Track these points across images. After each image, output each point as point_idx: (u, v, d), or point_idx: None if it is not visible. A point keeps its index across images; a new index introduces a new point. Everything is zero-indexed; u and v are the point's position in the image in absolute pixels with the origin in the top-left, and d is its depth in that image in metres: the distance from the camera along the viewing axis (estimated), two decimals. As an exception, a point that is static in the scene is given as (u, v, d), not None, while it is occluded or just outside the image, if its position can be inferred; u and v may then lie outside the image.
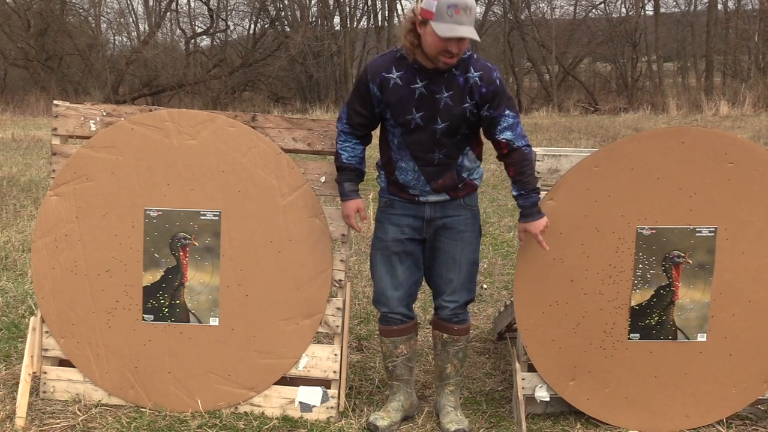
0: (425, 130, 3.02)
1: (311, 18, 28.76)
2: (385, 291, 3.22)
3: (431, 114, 3.00)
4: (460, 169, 3.12)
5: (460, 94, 2.98)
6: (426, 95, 2.99)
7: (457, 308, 3.23)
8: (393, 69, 3.02)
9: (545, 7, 33.21)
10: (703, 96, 20.73)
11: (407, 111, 3.01)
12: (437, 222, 3.15)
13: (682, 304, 3.23)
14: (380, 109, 3.09)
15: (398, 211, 3.18)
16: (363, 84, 3.07)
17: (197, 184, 3.32)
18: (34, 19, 27.04)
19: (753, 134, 12.95)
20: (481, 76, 2.98)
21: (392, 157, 3.14)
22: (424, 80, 2.98)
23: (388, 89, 3.02)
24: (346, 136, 3.18)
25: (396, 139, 3.10)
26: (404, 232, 3.17)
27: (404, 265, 3.20)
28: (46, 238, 3.36)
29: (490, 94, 2.99)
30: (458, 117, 3.00)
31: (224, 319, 3.35)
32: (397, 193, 3.18)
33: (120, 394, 3.39)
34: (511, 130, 3.02)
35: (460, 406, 3.35)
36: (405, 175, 3.12)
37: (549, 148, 3.51)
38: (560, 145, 12.55)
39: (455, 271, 3.18)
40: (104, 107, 3.43)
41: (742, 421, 3.33)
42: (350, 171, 3.20)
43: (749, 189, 3.16)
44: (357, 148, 3.20)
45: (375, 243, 3.25)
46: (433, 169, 3.08)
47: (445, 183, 3.10)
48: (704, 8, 26.88)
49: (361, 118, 3.13)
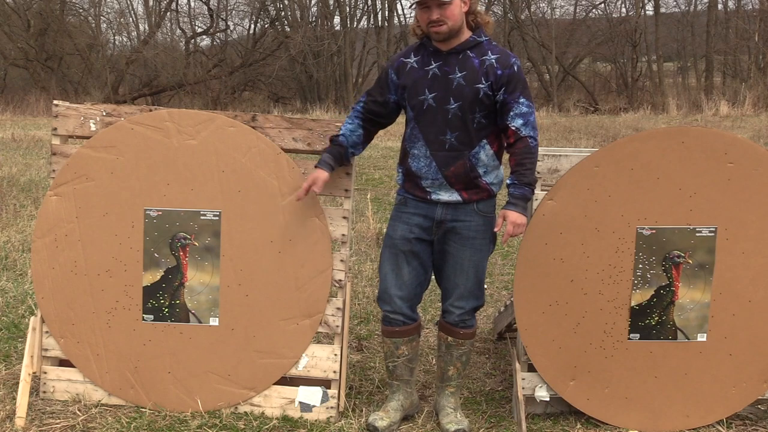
0: (437, 110, 3.06)
1: (311, 18, 28.76)
2: (388, 289, 3.22)
3: (443, 94, 3.05)
4: (476, 161, 3.08)
5: (474, 74, 3.03)
6: (439, 75, 3.06)
7: (464, 314, 3.22)
8: (412, 55, 3.15)
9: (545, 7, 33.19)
10: (703, 96, 20.74)
11: (420, 91, 3.08)
12: (447, 224, 3.13)
13: (682, 304, 3.23)
14: (397, 95, 3.16)
15: (410, 210, 3.18)
16: (383, 71, 3.24)
17: (197, 184, 3.32)
18: (34, 19, 27.03)
19: (753, 134, 12.95)
20: (498, 59, 3.05)
21: (405, 147, 3.17)
22: (438, 62, 3.07)
23: (404, 72, 3.13)
24: (355, 114, 3.25)
25: (409, 127, 3.16)
26: (413, 231, 3.16)
27: (410, 266, 3.19)
28: (46, 238, 3.36)
29: (505, 77, 3.02)
30: (471, 97, 3.02)
31: (224, 319, 3.35)
32: (411, 190, 3.18)
33: (120, 394, 3.39)
34: (523, 118, 3.02)
35: (460, 407, 3.35)
36: (417, 162, 3.12)
37: (549, 148, 3.51)
38: (560, 145, 12.56)
39: (462, 277, 3.17)
40: (104, 107, 3.43)
41: (742, 421, 3.33)
42: (337, 146, 3.23)
43: (749, 189, 3.16)
44: (357, 131, 3.23)
45: (385, 240, 3.26)
46: (445, 155, 3.07)
47: (458, 171, 3.07)
48: (704, 8, 26.90)
49: (374, 104, 3.22)
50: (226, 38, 30.08)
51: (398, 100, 3.18)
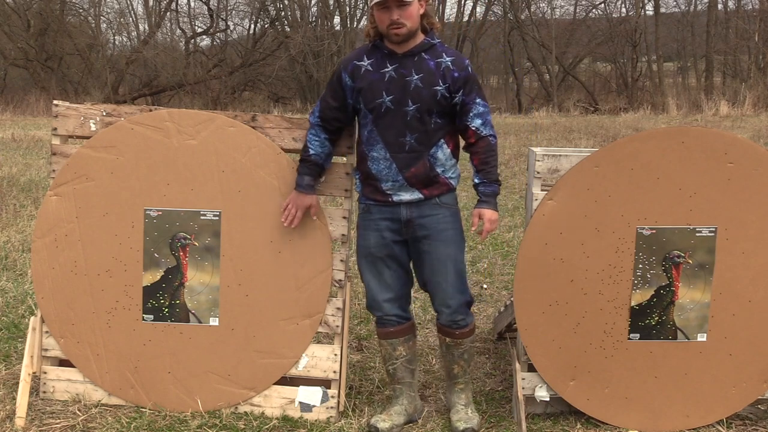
0: (396, 113, 3.05)
1: (311, 18, 28.77)
2: (375, 296, 3.23)
3: (401, 96, 3.04)
4: (434, 161, 3.10)
5: (431, 77, 3.04)
6: (396, 78, 3.05)
7: (453, 313, 3.21)
8: (364, 57, 3.12)
9: (545, 7, 33.21)
10: (703, 96, 20.75)
11: (377, 94, 3.06)
12: (415, 223, 3.13)
13: (682, 304, 3.23)
14: (353, 99, 3.13)
15: (375, 216, 3.17)
16: (335, 75, 3.17)
17: (197, 184, 3.32)
18: (34, 19, 27.03)
19: (753, 134, 12.95)
20: (453, 61, 3.08)
21: (363, 151, 3.15)
22: (393, 64, 3.07)
23: (359, 76, 3.10)
24: (317, 129, 3.20)
25: (366, 130, 3.13)
26: (384, 236, 3.16)
27: (391, 269, 3.20)
28: (46, 238, 3.36)
29: (462, 79, 3.06)
30: (428, 99, 3.04)
31: (224, 319, 3.35)
32: (371, 196, 3.17)
33: (120, 394, 3.39)
34: (481, 118, 3.10)
35: (472, 403, 3.35)
36: (377, 164, 3.11)
37: (549, 148, 3.51)
38: (560, 145, 12.56)
39: (442, 274, 3.16)
40: (104, 107, 3.43)
41: (742, 421, 3.32)
42: (314, 165, 3.21)
43: (749, 189, 3.16)
44: (326, 144, 3.21)
45: (359, 251, 3.24)
46: (405, 156, 3.07)
47: (418, 172, 3.08)
48: (704, 8, 26.92)
49: (332, 111, 3.17)
50: (226, 38, 30.13)
51: (354, 104, 3.14)
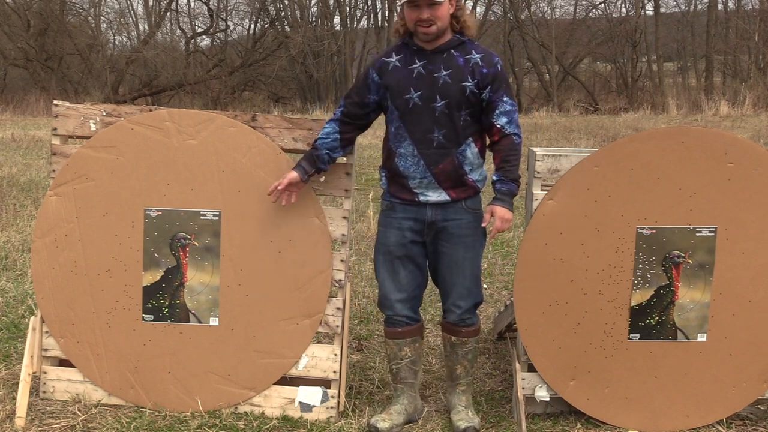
0: (424, 109, 3.06)
1: (311, 18, 28.77)
2: (388, 294, 3.23)
3: (429, 93, 3.05)
4: (462, 159, 3.10)
5: (460, 73, 3.05)
6: (424, 74, 3.06)
7: (464, 312, 3.23)
8: (393, 54, 3.14)
9: (545, 7, 33.20)
10: (703, 96, 20.73)
11: (405, 90, 3.07)
12: (438, 225, 3.14)
13: (682, 304, 3.23)
14: (379, 95, 3.14)
15: (399, 215, 3.18)
16: (364, 72, 3.21)
17: (197, 184, 3.32)
18: (34, 19, 27.02)
19: (753, 134, 12.94)
20: (483, 57, 3.08)
21: (390, 148, 3.16)
22: (422, 60, 3.07)
23: (387, 72, 3.11)
24: (333, 122, 3.22)
25: (393, 126, 3.14)
26: (406, 235, 3.17)
27: (407, 269, 3.20)
28: (46, 238, 3.36)
29: (490, 75, 3.05)
30: (457, 95, 3.04)
31: (224, 319, 3.35)
32: (397, 194, 3.17)
33: (120, 394, 3.39)
34: (507, 116, 3.08)
35: (471, 405, 3.36)
36: (405, 161, 3.11)
37: (549, 148, 3.51)
38: (560, 145, 12.55)
39: (459, 275, 3.18)
40: (104, 107, 3.43)
41: (742, 421, 3.32)
42: (314, 150, 3.21)
43: (749, 189, 3.16)
44: (333, 134, 3.20)
45: (378, 247, 3.25)
46: (433, 152, 3.08)
47: (446, 168, 3.08)
48: (704, 8, 26.90)
49: (352, 106, 3.18)
50: (226, 38, 30.11)
51: (379, 101, 3.16)
